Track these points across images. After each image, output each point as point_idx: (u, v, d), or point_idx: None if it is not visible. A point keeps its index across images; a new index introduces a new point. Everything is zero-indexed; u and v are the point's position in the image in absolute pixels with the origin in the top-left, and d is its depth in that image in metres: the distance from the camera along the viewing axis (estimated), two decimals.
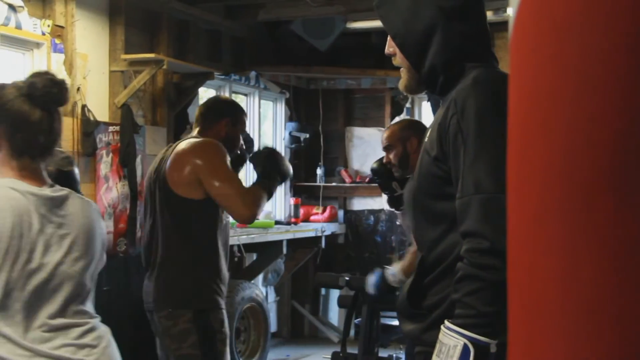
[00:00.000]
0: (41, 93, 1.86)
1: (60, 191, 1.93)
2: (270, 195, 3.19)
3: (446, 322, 1.60)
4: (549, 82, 0.83)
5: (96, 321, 1.98)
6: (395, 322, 4.95)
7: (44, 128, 1.87)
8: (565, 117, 0.82)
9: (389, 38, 1.85)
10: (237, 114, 3.30)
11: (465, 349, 1.53)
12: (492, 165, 1.57)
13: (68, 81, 4.41)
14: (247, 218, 3.05)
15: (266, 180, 3.18)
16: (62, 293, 1.88)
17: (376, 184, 7.07)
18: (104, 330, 1.99)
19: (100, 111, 4.75)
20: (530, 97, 0.85)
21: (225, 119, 3.25)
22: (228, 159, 3.11)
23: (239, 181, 3.15)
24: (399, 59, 1.85)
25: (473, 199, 1.59)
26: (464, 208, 1.61)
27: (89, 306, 1.98)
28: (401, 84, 1.88)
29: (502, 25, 1.64)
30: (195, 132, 3.29)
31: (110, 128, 4.79)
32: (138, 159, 4.96)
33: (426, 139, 1.81)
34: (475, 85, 1.68)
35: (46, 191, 1.88)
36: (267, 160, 3.24)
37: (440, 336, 1.60)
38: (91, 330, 1.93)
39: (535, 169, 0.85)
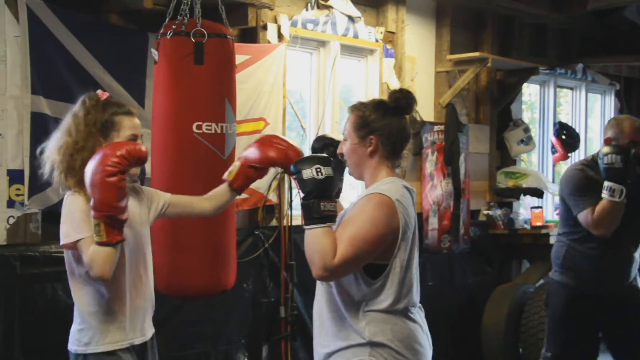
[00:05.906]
0: (401, 104, 2.25)
1: None
2: None
3: None
4: None
5: None
6: None
7: (404, 133, 2.27)
8: None
9: None
10: None
11: None
12: None
13: (397, 84, 4.63)
14: None
15: None
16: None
17: None
18: None
19: (426, 111, 4.91)
20: None
21: None
22: None
23: None
24: None
25: None
26: None
27: None
28: None
29: None
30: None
31: (435, 127, 4.92)
32: (462, 157, 5.03)
33: None
34: None
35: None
36: None
37: None
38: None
39: None
